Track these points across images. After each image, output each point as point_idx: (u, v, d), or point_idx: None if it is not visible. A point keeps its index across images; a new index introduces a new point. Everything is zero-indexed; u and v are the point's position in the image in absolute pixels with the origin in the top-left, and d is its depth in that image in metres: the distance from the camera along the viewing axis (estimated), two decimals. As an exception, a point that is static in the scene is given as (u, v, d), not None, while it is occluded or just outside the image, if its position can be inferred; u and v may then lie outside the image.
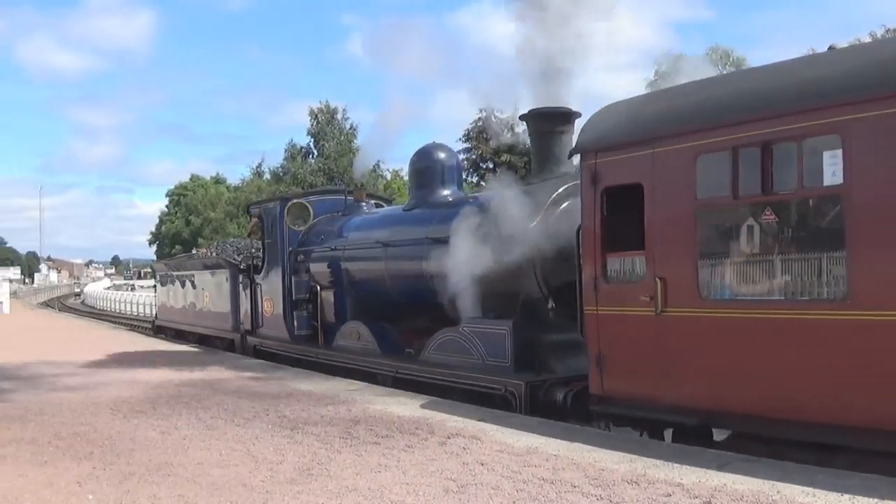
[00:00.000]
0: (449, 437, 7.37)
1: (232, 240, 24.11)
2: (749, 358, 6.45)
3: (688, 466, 6.05)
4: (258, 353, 15.75)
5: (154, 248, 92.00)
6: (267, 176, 63.24)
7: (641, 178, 7.26)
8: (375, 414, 8.67)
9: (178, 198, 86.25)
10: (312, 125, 58.50)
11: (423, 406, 9.11)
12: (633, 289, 7.36)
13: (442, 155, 12.54)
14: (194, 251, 34.71)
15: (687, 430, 7.28)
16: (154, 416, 8.92)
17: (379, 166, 52.10)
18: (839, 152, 5.91)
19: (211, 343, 18.53)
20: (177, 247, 73.82)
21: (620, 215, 7.55)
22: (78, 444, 7.62)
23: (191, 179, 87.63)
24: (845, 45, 8.37)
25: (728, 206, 6.79)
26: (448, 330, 10.55)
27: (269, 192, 50.67)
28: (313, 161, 57.47)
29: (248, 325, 16.42)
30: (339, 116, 58.47)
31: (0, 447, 7.48)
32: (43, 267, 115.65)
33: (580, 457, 6.54)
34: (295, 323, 14.50)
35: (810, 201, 6.42)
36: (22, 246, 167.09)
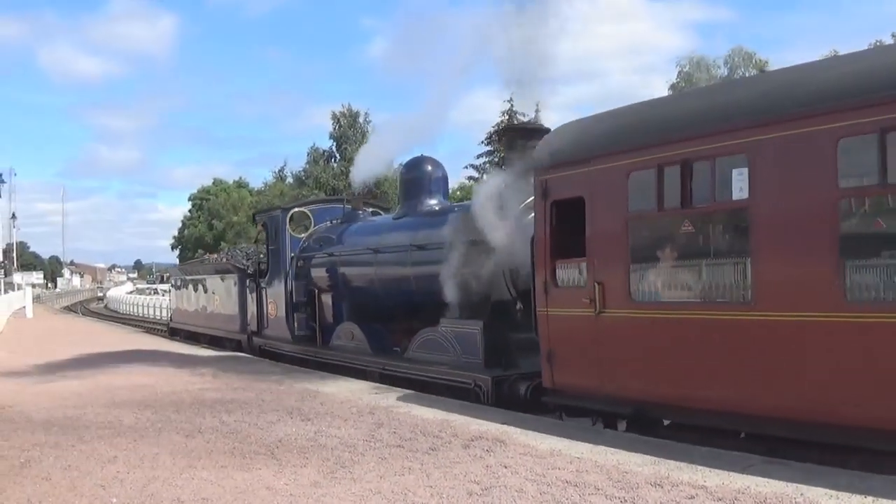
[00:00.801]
0: (472, 440, 7.44)
1: (243, 246, 25.09)
2: (672, 354, 7.21)
3: (711, 469, 6.08)
4: (263, 352, 16.70)
5: (177, 252, 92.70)
6: (289, 180, 63.99)
7: (583, 192, 8.05)
8: (399, 417, 8.73)
9: (201, 202, 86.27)
10: (335, 129, 59.21)
11: (447, 409, 9.15)
12: (576, 292, 8.15)
13: (429, 167, 13.39)
14: (206, 256, 35.70)
15: (639, 420, 7.94)
16: (178, 420, 9.03)
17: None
18: (745, 170, 6.65)
19: (220, 344, 19.49)
20: (199, 251, 74.17)
21: (567, 226, 8.32)
22: (102, 447, 7.69)
23: (213, 183, 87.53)
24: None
25: (654, 217, 7.58)
26: (428, 330, 11.41)
27: (292, 195, 51.31)
28: (336, 165, 57.96)
29: (254, 327, 17.38)
30: (361, 120, 59.07)
31: (24, 451, 7.63)
32: (66, 271, 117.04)
33: (604, 459, 6.59)
34: (295, 324, 15.45)
35: (721, 214, 7.15)
36: (45, 250, 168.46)
